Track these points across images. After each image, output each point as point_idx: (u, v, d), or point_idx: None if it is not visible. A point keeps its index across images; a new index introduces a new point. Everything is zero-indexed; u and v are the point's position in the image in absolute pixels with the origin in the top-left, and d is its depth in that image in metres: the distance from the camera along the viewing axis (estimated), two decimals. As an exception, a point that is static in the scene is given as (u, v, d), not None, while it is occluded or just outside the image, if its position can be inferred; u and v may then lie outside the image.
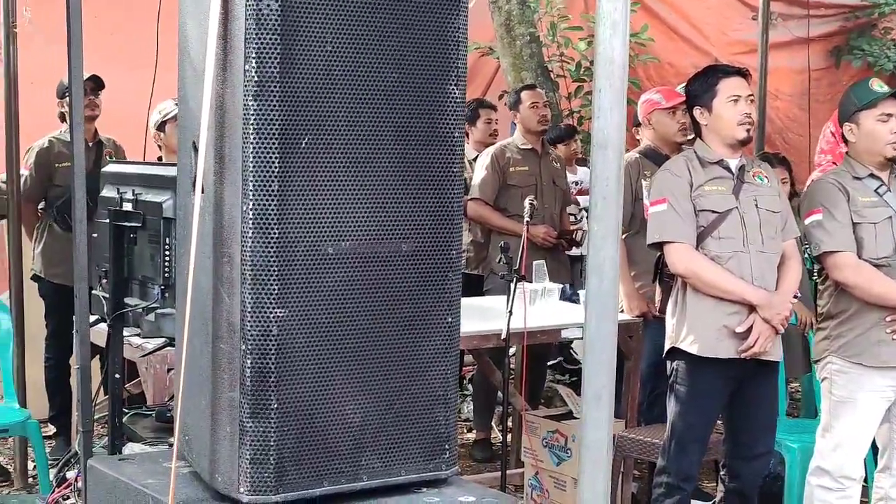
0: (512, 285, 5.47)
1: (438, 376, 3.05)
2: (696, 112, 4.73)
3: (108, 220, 4.23)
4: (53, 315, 6.92)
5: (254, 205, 2.75)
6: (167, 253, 3.95)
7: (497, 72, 10.72)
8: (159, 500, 2.95)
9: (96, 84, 6.68)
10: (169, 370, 5.06)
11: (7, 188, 6.50)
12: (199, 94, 2.93)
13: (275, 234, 2.76)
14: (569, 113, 10.84)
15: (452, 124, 3.02)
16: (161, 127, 6.45)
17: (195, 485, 3.06)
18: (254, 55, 2.74)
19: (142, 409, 4.87)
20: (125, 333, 4.36)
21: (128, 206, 4.16)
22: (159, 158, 6.53)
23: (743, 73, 4.74)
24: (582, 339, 2.95)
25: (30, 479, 6.44)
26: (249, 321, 2.77)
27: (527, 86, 7.99)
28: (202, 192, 2.87)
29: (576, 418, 6.06)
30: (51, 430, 6.99)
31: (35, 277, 6.91)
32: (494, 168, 7.13)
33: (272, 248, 2.76)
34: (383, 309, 2.95)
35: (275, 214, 2.76)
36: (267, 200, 2.75)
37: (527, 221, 5.82)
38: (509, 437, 6.16)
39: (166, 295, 4.00)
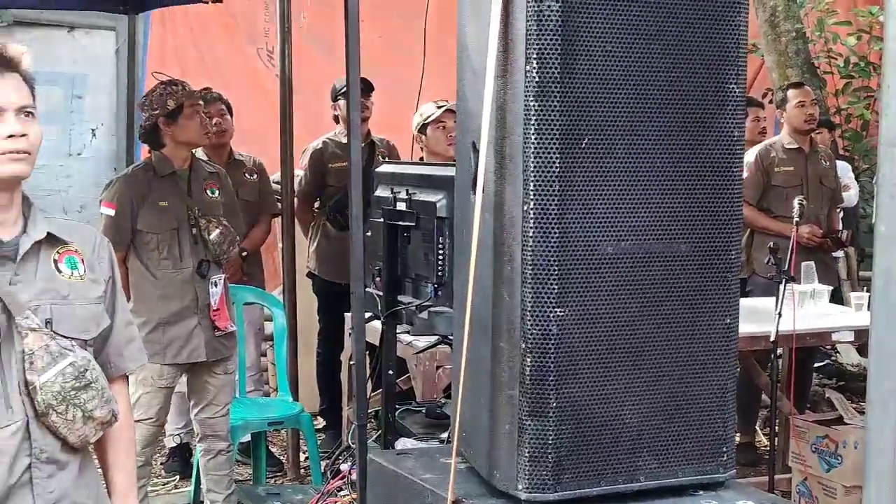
0: (781, 287, 5.36)
1: (717, 378, 3.01)
2: None
3: (382, 220, 4.34)
4: (326, 311, 7.14)
5: (535, 205, 2.76)
6: (440, 252, 4.01)
7: (761, 69, 10.51)
8: (438, 494, 3.00)
9: (366, 86, 6.85)
10: (438, 367, 5.16)
11: (281, 188, 6.74)
12: (478, 96, 2.97)
13: (555, 233, 2.77)
14: (836, 110, 10.54)
15: (732, 123, 2.98)
16: (422, 129, 6.57)
17: (472, 481, 3.09)
18: (535, 56, 2.75)
19: (412, 405, 4.97)
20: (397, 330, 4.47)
21: (401, 206, 4.25)
22: (421, 159, 6.66)
23: None
24: (852, 342, 2.87)
25: (301, 471, 6.67)
26: (529, 320, 2.79)
27: (794, 83, 7.80)
28: (482, 192, 2.91)
29: (847, 424, 5.89)
30: (320, 423, 7.21)
31: (309, 275, 7.16)
32: (758, 168, 6.99)
33: (552, 247, 2.77)
34: (662, 309, 2.92)
35: (555, 214, 2.77)
36: (547, 200, 2.76)
37: (796, 222, 5.69)
38: (776, 441, 6.03)
39: (439, 293, 4.06)
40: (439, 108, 6.36)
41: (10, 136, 2.58)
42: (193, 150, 5.51)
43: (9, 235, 2.66)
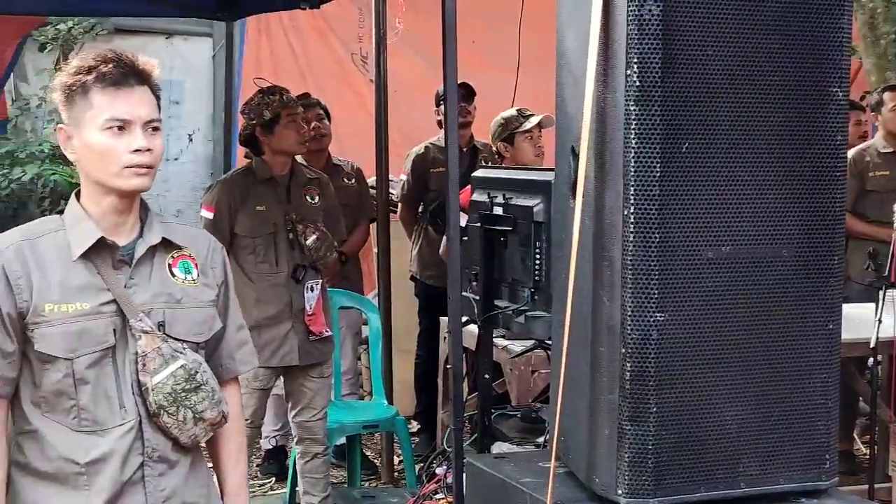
0: (881, 293, 5.28)
1: (819, 384, 2.98)
2: None
3: (478, 224, 4.35)
4: (425, 315, 7.18)
5: (635, 209, 2.76)
6: (537, 256, 4.01)
7: (859, 71, 10.36)
8: (537, 498, 3.00)
9: (467, 91, 6.86)
10: (533, 371, 5.16)
11: (376, 192, 6.79)
12: (577, 100, 2.98)
13: (655, 238, 2.77)
14: (936, 114, 10.34)
15: (835, 127, 2.95)
16: (507, 138, 6.56)
17: (571, 485, 3.10)
18: (635, 60, 2.75)
19: (507, 409, 4.96)
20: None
21: (498, 210, 4.26)
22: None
23: None
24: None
25: (395, 474, 6.70)
26: (629, 325, 2.79)
27: (890, 86, 7.67)
28: (582, 196, 2.91)
29: (949, 433, 5.78)
30: (414, 426, 7.24)
31: (412, 278, 7.20)
32: (852, 172, 6.89)
33: (653, 251, 2.77)
34: (763, 314, 2.90)
35: (655, 218, 2.76)
36: (648, 204, 2.76)
37: None
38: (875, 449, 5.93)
39: (536, 297, 4.06)
40: (524, 117, 6.37)
41: (136, 151, 2.63)
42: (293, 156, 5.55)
43: (126, 240, 2.72)
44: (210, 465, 2.94)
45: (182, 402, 2.67)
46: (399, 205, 7.21)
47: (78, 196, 2.74)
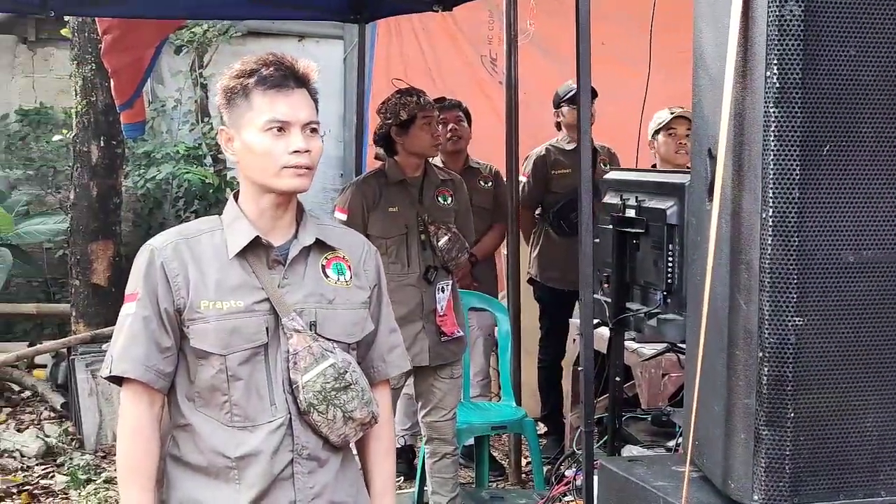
0: None
1: (962, 392, 2.91)
2: None
3: (610, 227, 4.34)
4: (547, 317, 7.17)
5: (773, 212, 2.73)
6: (670, 259, 3.99)
7: None
8: (671, 502, 2.99)
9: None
10: (664, 375, 5.12)
11: (508, 194, 6.79)
12: (714, 102, 2.95)
13: (794, 241, 2.73)
14: None
15: (983, 128, 2.87)
16: (655, 135, 6.52)
17: (705, 489, 3.07)
18: (775, 61, 2.72)
19: (637, 413, 4.94)
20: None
21: (631, 213, 4.25)
22: (653, 166, 6.61)
23: None
24: None
25: (522, 475, 6.70)
26: (767, 329, 2.75)
27: None
28: (719, 199, 2.89)
29: None
30: (541, 428, 7.23)
31: (531, 280, 7.19)
32: None
33: (791, 255, 2.73)
34: (905, 320, 2.85)
35: (794, 222, 2.73)
36: (787, 208, 2.72)
37: None
38: None
39: (668, 300, 4.04)
40: (671, 114, 6.32)
41: (295, 152, 2.68)
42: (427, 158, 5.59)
43: (281, 240, 2.78)
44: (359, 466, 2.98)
45: (332, 401, 2.71)
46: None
47: (236, 196, 2.81)
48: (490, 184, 6.92)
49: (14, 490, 6.66)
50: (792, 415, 2.77)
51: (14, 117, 10.31)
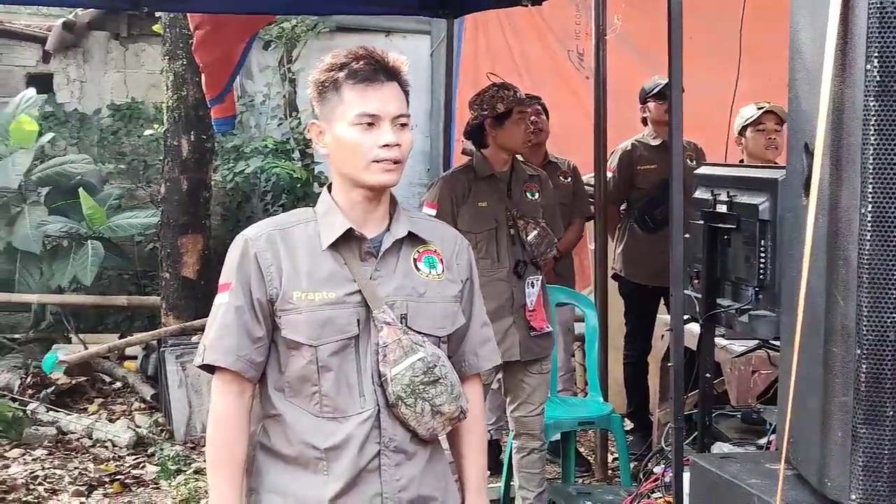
0: None
1: None
2: None
3: (701, 222, 4.31)
4: (632, 313, 7.14)
5: (873, 207, 2.69)
6: (762, 255, 3.95)
7: None
8: (765, 500, 2.95)
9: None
10: (753, 372, 5.08)
11: (594, 189, 6.78)
12: (812, 96, 2.91)
13: (894, 237, 2.68)
14: None
15: None
16: (742, 131, 6.46)
17: (800, 488, 3.03)
18: (876, 55, 2.67)
19: (726, 409, 4.90)
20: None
21: (722, 208, 4.20)
22: (741, 161, 6.55)
23: None
24: None
25: (609, 471, 6.68)
26: (865, 325, 2.71)
27: None
28: (816, 194, 2.85)
29: None
30: (627, 424, 7.20)
31: (615, 276, 7.16)
32: None
33: (891, 251, 2.68)
34: None
35: (894, 217, 2.68)
36: (887, 203, 2.68)
37: None
38: None
39: (760, 297, 4.00)
40: (759, 109, 6.25)
41: (385, 146, 2.70)
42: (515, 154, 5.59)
43: (374, 233, 2.79)
44: (451, 460, 2.98)
45: (420, 395, 2.72)
46: None
47: (329, 188, 2.83)
48: (569, 179, 6.90)
49: (107, 479, 6.77)
50: (891, 413, 2.72)
51: (106, 112, 10.47)
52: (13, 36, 10.45)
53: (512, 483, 5.75)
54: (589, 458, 6.95)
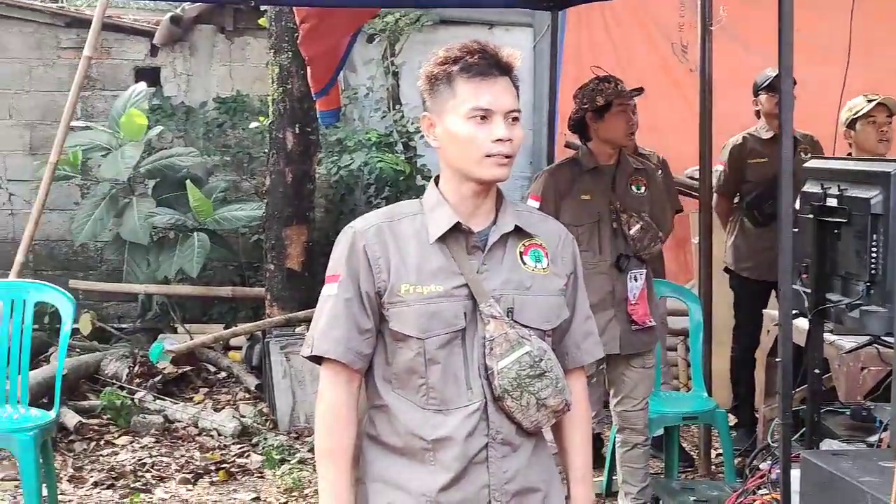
0: None
1: None
2: None
3: (810, 216, 4.25)
4: (742, 308, 7.08)
5: None
6: (874, 249, 3.88)
7: None
8: (879, 498, 2.92)
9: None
10: (863, 368, 5.01)
11: (699, 183, 6.73)
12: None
13: None
14: None
15: None
16: (851, 124, 6.37)
17: (914, 487, 2.99)
18: None
19: (835, 406, 4.83)
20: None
21: (832, 202, 4.15)
22: (848, 154, 6.46)
23: None
24: None
25: (712, 467, 6.63)
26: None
27: None
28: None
29: None
30: (731, 419, 7.13)
31: (726, 270, 7.11)
32: None
33: None
34: None
35: None
36: None
37: None
38: None
39: (872, 292, 3.93)
40: (869, 101, 6.15)
41: (498, 140, 2.70)
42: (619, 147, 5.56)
43: (481, 226, 2.80)
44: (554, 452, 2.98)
45: (526, 388, 2.72)
46: (714, 195, 7.11)
47: (437, 181, 2.84)
48: (659, 172, 6.85)
49: (212, 467, 6.88)
50: None
51: (212, 105, 10.60)
52: (122, 30, 10.63)
53: (614, 477, 5.73)
54: (692, 453, 6.91)
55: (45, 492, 5.56)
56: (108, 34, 10.33)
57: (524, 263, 2.82)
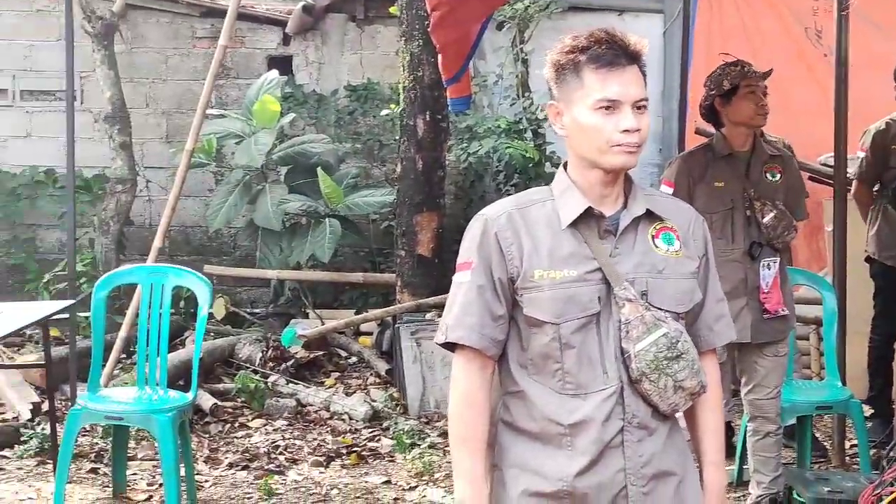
0: None
1: None
2: None
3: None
4: (881, 296, 6.96)
5: None
6: None
7: None
8: None
9: None
10: None
11: (833, 169, 6.62)
12: None
13: None
14: None
15: None
16: None
17: None
18: None
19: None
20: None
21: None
22: None
23: None
24: None
25: (846, 458, 6.53)
26: None
27: None
28: None
29: None
30: (866, 410, 7.01)
31: (867, 259, 6.98)
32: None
33: None
34: None
35: None
36: None
37: None
38: None
39: None
40: None
41: (626, 131, 2.70)
42: (756, 132, 5.50)
43: (611, 211, 2.81)
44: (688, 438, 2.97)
45: (663, 370, 2.73)
46: (854, 183, 6.99)
47: (565, 167, 2.85)
48: None
49: (344, 451, 6.97)
50: None
51: (343, 93, 10.71)
52: (255, 20, 10.79)
53: (745, 466, 5.68)
54: (825, 443, 6.81)
55: (182, 472, 5.69)
56: (242, 23, 10.50)
57: (656, 247, 2.82)
